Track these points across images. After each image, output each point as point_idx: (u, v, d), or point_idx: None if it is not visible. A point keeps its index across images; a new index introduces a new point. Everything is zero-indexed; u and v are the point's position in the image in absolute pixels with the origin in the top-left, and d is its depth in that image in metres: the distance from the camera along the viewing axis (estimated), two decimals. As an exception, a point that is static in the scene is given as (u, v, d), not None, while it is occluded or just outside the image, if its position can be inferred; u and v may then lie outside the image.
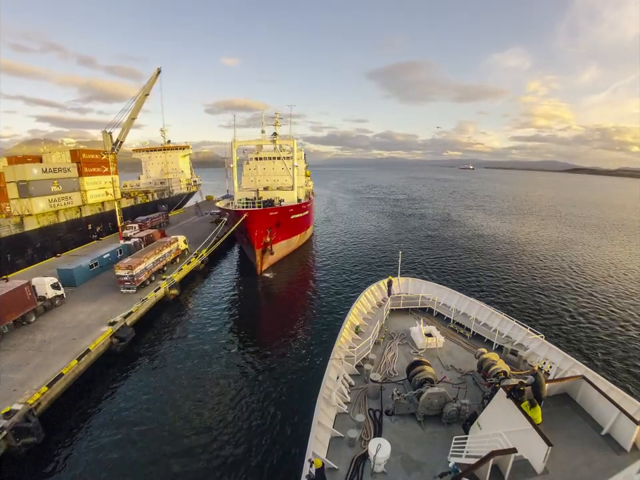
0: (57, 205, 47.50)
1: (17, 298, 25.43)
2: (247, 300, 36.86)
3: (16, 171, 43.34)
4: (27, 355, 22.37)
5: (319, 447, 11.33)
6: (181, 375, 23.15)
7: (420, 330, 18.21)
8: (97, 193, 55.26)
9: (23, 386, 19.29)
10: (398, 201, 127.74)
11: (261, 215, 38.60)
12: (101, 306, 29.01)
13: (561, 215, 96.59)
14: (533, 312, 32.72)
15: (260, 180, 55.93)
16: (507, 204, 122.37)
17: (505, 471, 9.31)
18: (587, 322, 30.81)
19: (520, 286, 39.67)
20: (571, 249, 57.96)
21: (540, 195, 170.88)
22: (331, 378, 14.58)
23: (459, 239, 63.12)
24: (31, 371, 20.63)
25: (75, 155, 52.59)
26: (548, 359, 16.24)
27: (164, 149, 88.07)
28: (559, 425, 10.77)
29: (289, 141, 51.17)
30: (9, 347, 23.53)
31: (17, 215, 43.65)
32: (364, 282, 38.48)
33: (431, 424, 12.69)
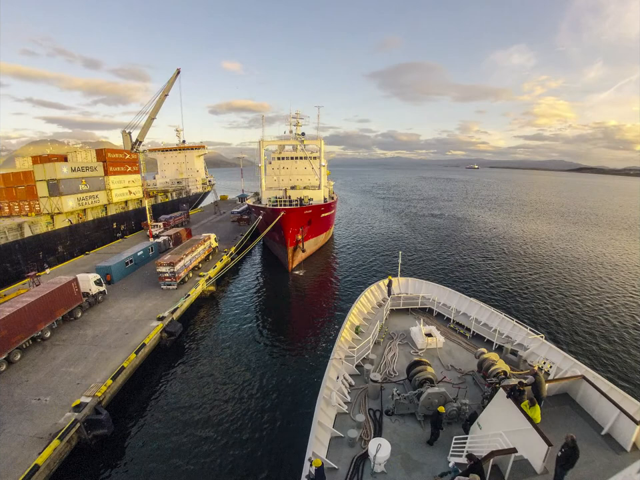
0: (85, 203, 47.84)
1: (66, 294, 25.65)
2: (278, 297, 37.06)
3: (46, 169, 43.70)
4: (82, 349, 22.53)
5: (319, 446, 11.28)
6: (220, 368, 23.59)
7: (420, 330, 18.11)
8: (121, 191, 55.56)
9: (86, 379, 19.47)
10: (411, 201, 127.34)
11: (297, 213, 38.68)
12: (144, 302, 29.16)
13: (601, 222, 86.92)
14: (533, 312, 32.28)
15: (283, 179, 55.98)
16: (539, 213, 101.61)
17: (505, 470, 9.31)
18: (587, 322, 30.44)
19: (520, 286, 39.17)
20: (573, 249, 57.08)
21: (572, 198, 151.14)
22: (330, 378, 14.53)
23: (475, 242, 61.16)
24: (90, 364, 20.80)
25: (100, 154, 52.92)
26: (548, 358, 16.15)
27: (180, 149, 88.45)
28: (559, 425, 10.76)
29: (316, 141, 51.38)
30: (60, 341, 23.75)
31: (46, 213, 43.99)
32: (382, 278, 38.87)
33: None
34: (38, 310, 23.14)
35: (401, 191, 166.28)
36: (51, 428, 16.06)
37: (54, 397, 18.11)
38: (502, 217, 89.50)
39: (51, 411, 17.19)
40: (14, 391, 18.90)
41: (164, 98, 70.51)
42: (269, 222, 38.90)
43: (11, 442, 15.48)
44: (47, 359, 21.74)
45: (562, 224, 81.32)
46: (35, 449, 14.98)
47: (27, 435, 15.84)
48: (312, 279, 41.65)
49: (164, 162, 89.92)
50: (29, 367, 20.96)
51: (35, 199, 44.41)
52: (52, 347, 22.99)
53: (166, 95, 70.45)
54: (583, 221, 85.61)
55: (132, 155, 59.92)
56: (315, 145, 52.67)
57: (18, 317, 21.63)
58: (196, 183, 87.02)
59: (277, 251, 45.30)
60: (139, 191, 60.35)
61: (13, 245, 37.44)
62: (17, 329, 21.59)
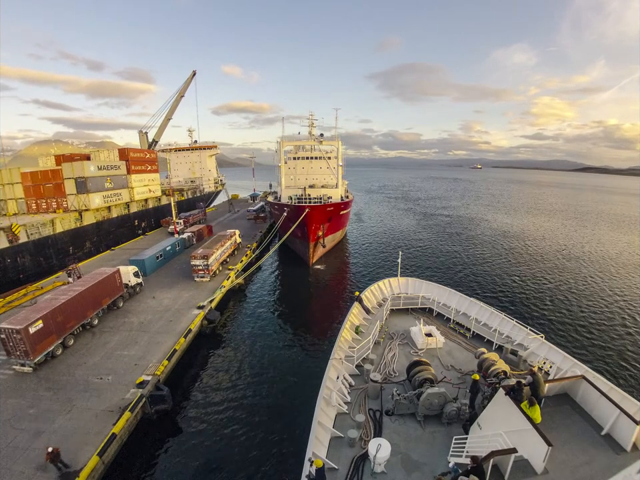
0: (109, 200, 49.26)
1: (110, 284, 26.97)
2: (301, 289, 38.66)
3: (74, 167, 45.13)
4: (131, 335, 23.83)
5: (319, 446, 11.24)
6: (254, 354, 25.01)
7: (420, 330, 18.08)
8: (142, 190, 57.02)
9: (142, 360, 20.76)
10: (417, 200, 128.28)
11: (320, 210, 40.04)
12: (181, 292, 30.49)
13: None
14: (533, 312, 32.15)
15: (299, 178, 57.25)
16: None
17: (505, 471, 9.29)
18: (587, 321, 30.42)
19: (520, 286, 38.98)
20: (573, 249, 56.42)
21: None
22: (330, 378, 14.48)
23: (476, 242, 59.85)
24: (143, 348, 22.12)
25: (122, 153, 54.37)
26: (548, 358, 16.08)
27: (193, 149, 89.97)
28: (558, 425, 10.73)
29: (334, 141, 52.80)
30: (107, 328, 25.06)
31: (74, 209, 45.39)
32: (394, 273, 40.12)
33: (431, 424, 12.63)
34: (87, 298, 24.44)
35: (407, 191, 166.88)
36: (119, 402, 17.36)
37: (115, 377, 19.42)
38: (508, 218, 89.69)
39: (115, 388, 18.49)
40: (74, 372, 20.20)
41: (180, 99, 72.04)
42: (292, 218, 40.14)
43: (82, 415, 16.78)
44: (99, 344, 23.05)
45: (566, 224, 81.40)
46: (108, 420, 16.27)
47: (96, 409, 17.13)
48: (331, 273, 43.20)
49: (176, 161, 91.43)
50: (83, 351, 22.27)
51: (63, 196, 45.84)
52: (101, 334, 24.30)
53: (182, 96, 71.97)
54: (590, 221, 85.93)
55: (151, 154, 61.41)
56: (332, 145, 54.03)
57: (71, 304, 22.94)
58: (209, 182, 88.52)
59: (297, 246, 46.51)
60: (157, 189, 61.79)
61: (46, 240, 38.86)
62: (71, 315, 22.90)
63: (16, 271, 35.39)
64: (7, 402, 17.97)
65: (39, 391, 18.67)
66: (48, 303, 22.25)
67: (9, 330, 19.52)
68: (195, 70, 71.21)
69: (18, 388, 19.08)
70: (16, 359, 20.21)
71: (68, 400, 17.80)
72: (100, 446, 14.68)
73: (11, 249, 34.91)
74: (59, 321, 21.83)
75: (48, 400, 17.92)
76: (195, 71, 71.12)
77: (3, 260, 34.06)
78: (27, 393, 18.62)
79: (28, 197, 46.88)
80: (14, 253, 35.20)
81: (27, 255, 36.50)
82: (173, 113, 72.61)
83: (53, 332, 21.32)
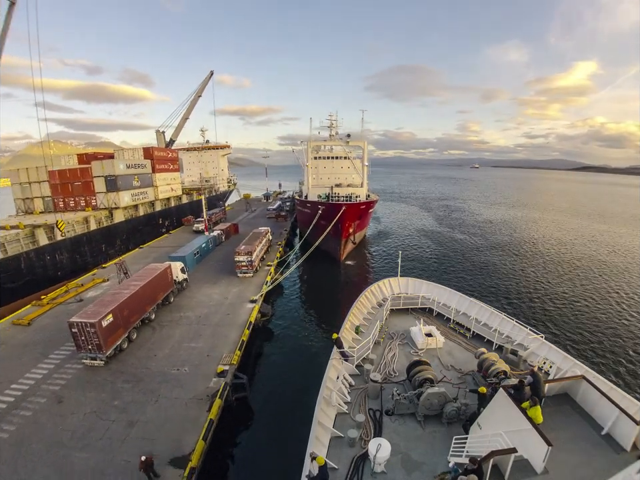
0: (137, 199, 49.37)
1: (163, 279, 27.18)
2: (334, 283, 40.04)
3: (105, 165, 45.15)
4: (192, 328, 24.07)
5: (319, 446, 11.28)
6: (303, 345, 26.07)
7: (420, 330, 18.10)
8: (165, 188, 57.17)
9: (213, 352, 21.07)
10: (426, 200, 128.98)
11: (355, 208, 40.70)
12: (227, 288, 30.76)
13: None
14: (533, 312, 32.09)
15: (322, 178, 57.66)
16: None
17: (505, 470, 9.31)
18: (587, 321, 30.32)
19: (520, 285, 38.93)
20: (575, 248, 56.16)
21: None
22: (330, 378, 14.48)
23: (477, 242, 59.74)
24: (209, 340, 22.43)
25: (147, 152, 54.44)
26: (548, 358, 16.05)
27: (207, 148, 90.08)
28: (559, 425, 10.73)
29: (360, 142, 53.44)
30: (166, 322, 25.27)
31: (103, 207, 45.41)
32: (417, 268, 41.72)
33: (430, 424, 12.63)
34: (146, 293, 24.59)
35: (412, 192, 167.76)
36: (205, 391, 17.59)
37: (191, 367, 19.63)
38: (514, 217, 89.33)
39: (195, 378, 18.71)
40: (147, 364, 20.37)
41: (197, 99, 72.11)
42: (326, 216, 40.49)
43: (172, 404, 16.97)
44: (162, 337, 23.22)
45: (568, 223, 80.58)
46: (201, 408, 16.49)
47: (183, 398, 17.34)
48: (361, 267, 44.43)
49: (189, 161, 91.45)
50: (148, 345, 22.43)
51: (92, 194, 45.82)
52: (161, 328, 24.46)
53: (199, 95, 72.05)
54: (589, 219, 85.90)
55: (173, 154, 61.52)
56: (360, 145, 54.62)
57: (134, 299, 23.08)
58: (222, 182, 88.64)
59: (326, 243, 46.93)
60: (178, 188, 61.93)
61: (81, 238, 38.92)
62: (134, 309, 23.06)
63: (55, 268, 35.42)
64: (86, 395, 18.09)
65: (117, 384, 18.81)
66: (113, 297, 22.38)
67: (81, 324, 19.63)
68: (212, 70, 71.31)
69: (93, 381, 19.20)
70: (86, 353, 20.28)
71: (151, 391, 17.97)
72: (202, 431, 14.92)
73: (50, 246, 34.97)
74: (124, 315, 21.96)
75: (129, 392, 18.08)
76: (212, 71, 71.21)
77: (43, 257, 34.09)
78: (105, 386, 18.75)
79: (55, 195, 46.82)
80: (53, 250, 35.24)
81: (65, 252, 36.55)
82: (190, 113, 72.69)
83: (120, 326, 21.46)
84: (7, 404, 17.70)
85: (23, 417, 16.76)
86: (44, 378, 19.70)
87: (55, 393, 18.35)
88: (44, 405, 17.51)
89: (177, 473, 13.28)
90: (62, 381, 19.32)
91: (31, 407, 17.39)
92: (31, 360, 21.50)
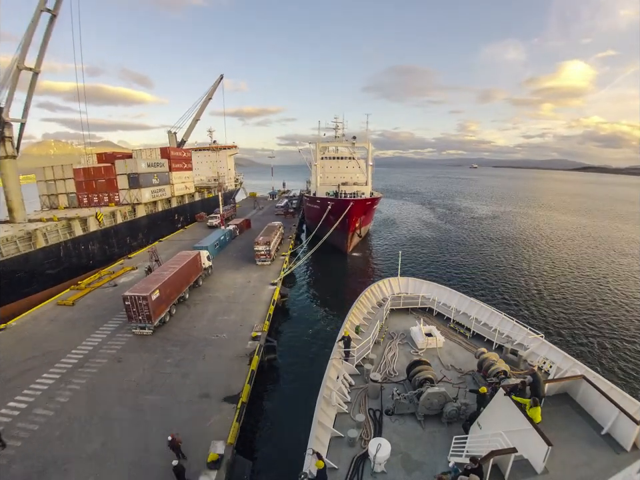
0: (156, 195, 52.77)
1: (195, 264, 30.63)
2: (342, 272, 44.07)
3: (128, 164, 48.46)
4: (223, 305, 27.56)
5: (319, 446, 11.29)
6: (319, 321, 30.01)
7: (420, 330, 18.21)
8: (180, 186, 60.60)
9: (244, 322, 24.62)
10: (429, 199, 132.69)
11: (361, 204, 44.50)
12: (249, 273, 34.29)
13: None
14: (533, 311, 32.49)
15: (328, 177, 61.30)
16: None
17: (505, 470, 9.31)
18: (587, 321, 30.68)
19: (520, 285, 39.28)
20: (575, 249, 56.47)
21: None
22: (330, 378, 14.58)
23: (477, 242, 59.94)
24: (240, 314, 25.96)
25: (164, 152, 57.87)
26: (548, 358, 16.08)
27: (214, 149, 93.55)
28: (559, 425, 10.73)
29: (365, 143, 57.24)
30: (198, 301, 28.76)
31: (126, 203, 48.74)
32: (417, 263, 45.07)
33: (430, 424, 12.72)
34: (182, 275, 27.99)
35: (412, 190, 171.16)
36: (243, 351, 21.06)
37: (228, 334, 23.10)
38: (510, 217, 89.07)
39: (233, 341, 22.18)
40: (189, 333, 23.78)
41: (208, 101, 75.45)
42: (335, 211, 44.06)
43: (218, 361, 20.41)
44: (197, 313, 26.65)
45: (569, 223, 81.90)
46: (242, 362, 19.95)
47: (226, 356, 20.78)
48: (366, 259, 48.61)
49: (197, 160, 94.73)
50: (187, 318, 25.85)
51: (115, 191, 49.14)
52: (194, 305, 27.89)
53: (210, 98, 75.39)
54: (590, 218, 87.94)
55: (187, 153, 64.96)
56: (364, 146, 58.42)
57: (173, 279, 26.47)
58: (230, 181, 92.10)
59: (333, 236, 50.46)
60: (191, 186, 65.36)
61: (110, 230, 42.24)
62: (173, 288, 26.45)
63: (88, 257, 38.72)
64: (141, 356, 21.42)
65: (166, 347, 22.19)
66: (156, 277, 25.76)
67: (135, 297, 23.00)
68: (222, 74, 74.67)
69: (145, 346, 22.55)
70: (136, 323, 23.65)
71: (197, 352, 21.37)
72: (247, 377, 18.38)
73: (83, 237, 38.28)
74: (167, 292, 25.33)
75: (179, 352, 21.46)
76: (222, 75, 74.60)
77: (78, 247, 37.41)
78: (156, 348, 22.11)
79: (80, 192, 50.07)
80: (86, 240, 38.55)
81: (96, 242, 39.86)
82: (201, 114, 76.02)
83: (164, 301, 24.82)
84: (72, 364, 20.91)
85: (90, 373, 19.99)
86: (100, 344, 23.00)
87: (114, 355, 21.66)
88: (106, 364, 20.80)
89: (231, 407, 16.66)
90: (117, 346, 22.64)
91: (95, 366, 20.62)
92: (85, 331, 24.78)
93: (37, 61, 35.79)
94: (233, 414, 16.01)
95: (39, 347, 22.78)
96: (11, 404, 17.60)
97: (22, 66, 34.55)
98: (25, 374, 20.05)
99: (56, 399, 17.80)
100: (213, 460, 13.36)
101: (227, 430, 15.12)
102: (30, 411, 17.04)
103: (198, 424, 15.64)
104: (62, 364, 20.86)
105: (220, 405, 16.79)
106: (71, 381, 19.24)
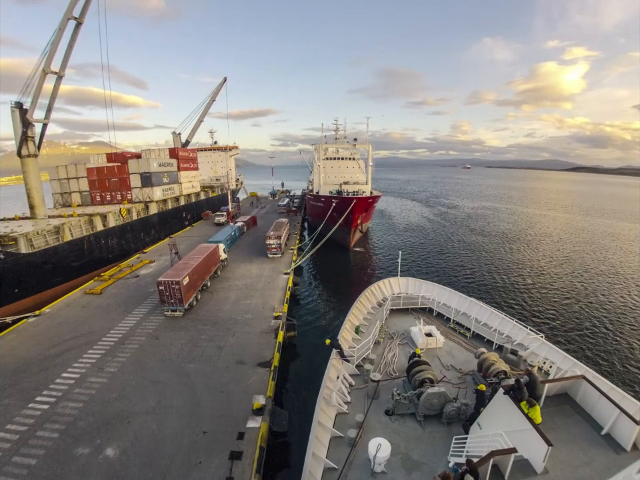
0: (166, 194, 55.15)
1: (215, 255, 33.29)
2: (345, 265, 47.34)
3: (141, 163, 50.81)
4: (243, 292, 30.30)
5: (319, 446, 11.27)
6: (329, 305, 33.78)
7: (420, 330, 18.20)
8: (188, 185, 62.97)
9: (265, 305, 27.42)
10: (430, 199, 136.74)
11: (363, 201, 47.62)
12: (262, 265, 37.07)
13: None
14: (533, 312, 32.68)
15: (329, 176, 64.43)
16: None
17: (505, 470, 9.30)
18: (587, 321, 30.97)
19: (520, 285, 39.59)
20: (575, 249, 56.82)
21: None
22: (331, 378, 14.54)
23: (477, 241, 60.73)
24: (260, 299, 28.75)
25: (173, 152, 60.23)
26: (548, 358, 16.02)
27: (216, 149, 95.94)
28: (559, 425, 10.74)
29: (365, 145, 60.49)
30: (220, 289, 31.45)
31: (138, 201, 51.03)
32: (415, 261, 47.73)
33: (430, 424, 12.71)
34: (205, 265, 30.65)
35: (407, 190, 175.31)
36: (268, 327, 23.86)
37: (253, 314, 25.89)
38: (508, 218, 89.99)
39: (258, 320, 24.96)
40: (217, 314, 26.46)
41: (211, 103, 78.00)
42: (338, 208, 47.12)
43: (247, 336, 23.14)
44: (220, 298, 29.33)
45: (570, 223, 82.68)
46: (269, 336, 22.76)
47: (253, 332, 23.55)
48: (367, 254, 51.84)
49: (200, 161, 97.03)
50: (212, 303, 28.51)
51: (128, 189, 51.40)
52: (217, 292, 30.57)
53: (213, 100, 77.92)
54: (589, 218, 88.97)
55: (193, 154, 67.34)
56: (364, 147, 61.75)
57: (199, 268, 29.11)
58: (231, 181, 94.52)
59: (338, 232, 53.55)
60: (198, 185, 67.76)
61: (126, 226, 44.56)
62: (199, 275, 29.11)
63: (107, 250, 41.04)
64: (176, 334, 24.00)
65: (197, 326, 24.84)
66: (184, 265, 28.38)
67: (168, 282, 25.62)
68: (225, 77, 77.31)
69: (177, 326, 25.13)
70: (168, 306, 26.23)
71: (227, 329, 24.09)
72: (276, 348, 21.22)
73: (103, 232, 40.59)
74: (194, 278, 27.99)
75: (210, 330, 24.12)
76: (225, 77, 77.18)
77: (99, 241, 39.71)
78: (189, 327, 24.72)
79: (93, 190, 52.17)
80: (106, 235, 40.87)
81: (115, 237, 42.18)
82: (205, 116, 78.47)
83: (192, 286, 27.49)
84: (113, 342, 23.37)
85: (132, 349, 22.45)
86: (135, 326, 25.48)
87: (150, 334, 24.18)
88: (145, 341, 23.32)
89: (265, 370, 19.45)
90: (152, 326, 25.17)
91: (135, 342, 23.09)
92: (118, 315, 27.19)
93: (62, 64, 38.04)
94: (268, 375, 18.83)
95: (78, 328, 25.10)
96: (64, 374, 19.96)
97: (48, 70, 36.78)
98: (70, 351, 22.41)
99: (106, 370, 20.23)
100: (257, 407, 16.24)
101: (265, 387, 17.95)
102: (84, 380, 19.43)
103: (239, 383, 18.44)
104: (104, 342, 23.29)
105: (255, 369, 19.57)
106: (117, 355, 21.72)
